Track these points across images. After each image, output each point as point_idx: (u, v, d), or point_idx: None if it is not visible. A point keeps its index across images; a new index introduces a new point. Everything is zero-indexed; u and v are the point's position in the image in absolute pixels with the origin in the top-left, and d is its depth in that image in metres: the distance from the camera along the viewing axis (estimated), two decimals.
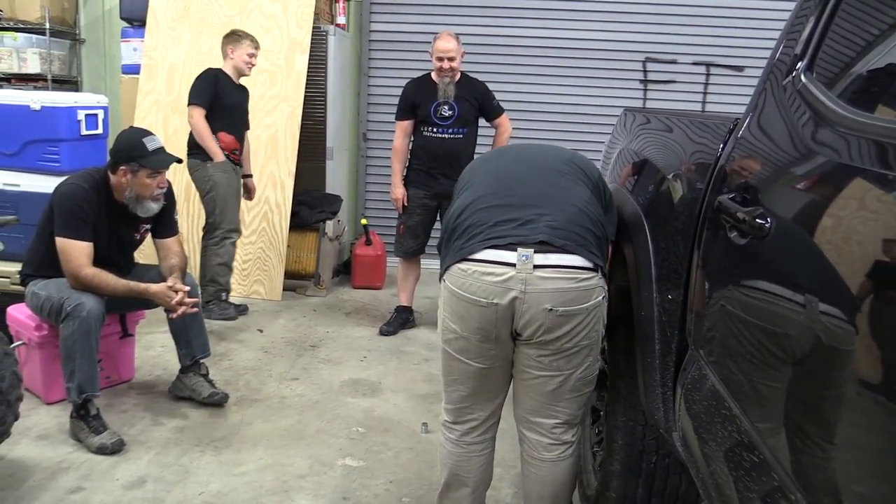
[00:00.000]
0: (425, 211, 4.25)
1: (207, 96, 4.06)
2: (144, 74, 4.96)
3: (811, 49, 1.31)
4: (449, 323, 1.92)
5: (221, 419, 3.09)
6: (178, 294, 2.89)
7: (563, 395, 1.94)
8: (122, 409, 3.12)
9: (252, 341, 4.03)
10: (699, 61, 5.73)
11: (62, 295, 2.79)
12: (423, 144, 4.19)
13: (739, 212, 1.29)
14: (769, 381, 1.18)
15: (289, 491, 2.57)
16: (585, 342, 1.87)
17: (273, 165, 4.84)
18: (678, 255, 1.67)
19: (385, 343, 4.17)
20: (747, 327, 1.24)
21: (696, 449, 1.49)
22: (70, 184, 2.86)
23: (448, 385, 2.03)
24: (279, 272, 4.84)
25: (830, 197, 1.08)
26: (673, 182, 1.81)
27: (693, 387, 1.52)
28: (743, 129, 1.47)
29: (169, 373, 3.43)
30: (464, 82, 4.13)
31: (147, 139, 2.88)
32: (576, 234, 1.82)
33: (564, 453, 2.02)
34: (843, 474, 0.96)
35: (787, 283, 1.12)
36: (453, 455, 2.08)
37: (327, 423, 3.10)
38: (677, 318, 1.66)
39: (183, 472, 2.64)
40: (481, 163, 2.20)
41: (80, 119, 3.61)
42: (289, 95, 4.84)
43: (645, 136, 2.34)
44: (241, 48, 4.18)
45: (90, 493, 2.48)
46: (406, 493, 2.59)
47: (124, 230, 3.02)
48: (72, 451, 2.75)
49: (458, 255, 1.86)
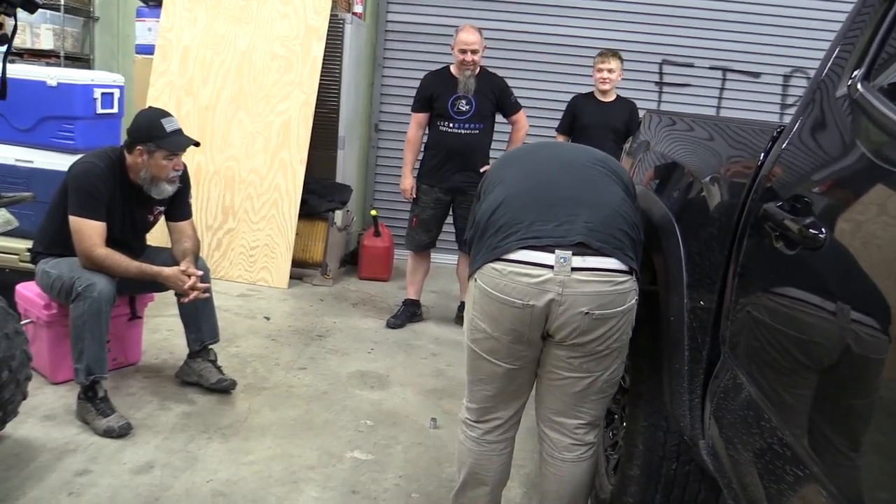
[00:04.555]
0: (438, 205, 4.22)
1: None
2: (158, 55, 4.91)
3: (869, 57, 1.28)
4: (479, 322, 1.89)
5: (229, 406, 3.06)
6: (191, 278, 2.86)
7: (589, 397, 1.92)
8: (128, 391, 3.09)
9: (259, 329, 4.01)
10: (716, 66, 5.71)
11: (73, 274, 2.76)
12: (439, 139, 4.16)
13: (789, 221, 1.26)
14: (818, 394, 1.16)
15: (297, 482, 2.55)
16: (617, 345, 1.85)
17: (285, 152, 4.80)
18: (713, 262, 1.64)
19: (392, 336, 4.14)
20: (796, 340, 1.21)
21: (725, 459, 1.47)
22: (86, 162, 2.83)
23: (473, 384, 2.00)
24: (286, 260, 4.81)
25: (892, 208, 1.06)
26: (709, 187, 1.78)
27: (726, 395, 1.49)
28: (790, 137, 1.44)
29: (175, 357, 3.41)
30: (483, 77, 4.10)
31: (166, 120, 2.84)
32: (613, 236, 1.79)
33: (585, 454, 2.00)
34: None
35: (844, 297, 1.09)
36: (473, 453, 2.05)
37: (335, 415, 3.08)
38: (710, 324, 1.63)
39: (191, 459, 2.61)
40: (513, 160, 2.15)
41: (96, 97, 3.57)
42: (303, 82, 4.80)
43: (674, 138, 2.31)
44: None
45: (97, 476, 2.45)
46: (416, 489, 2.57)
47: (138, 211, 2.99)
48: (78, 432, 2.72)
49: (492, 255, 1.82)
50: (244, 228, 4.84)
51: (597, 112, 4.34)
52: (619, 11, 5.61)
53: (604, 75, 4.29)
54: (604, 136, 4.18)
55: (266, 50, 4.84)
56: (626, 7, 5.61)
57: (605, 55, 4.34)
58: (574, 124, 4.38)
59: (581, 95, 4.49)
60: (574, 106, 4.44)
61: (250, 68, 4.84)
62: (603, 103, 4.36)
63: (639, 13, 5.61)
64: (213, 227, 4.86)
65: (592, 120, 4.30)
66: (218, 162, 4.85)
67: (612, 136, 4.25)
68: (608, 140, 4.17)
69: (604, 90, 4.33)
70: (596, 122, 4.29)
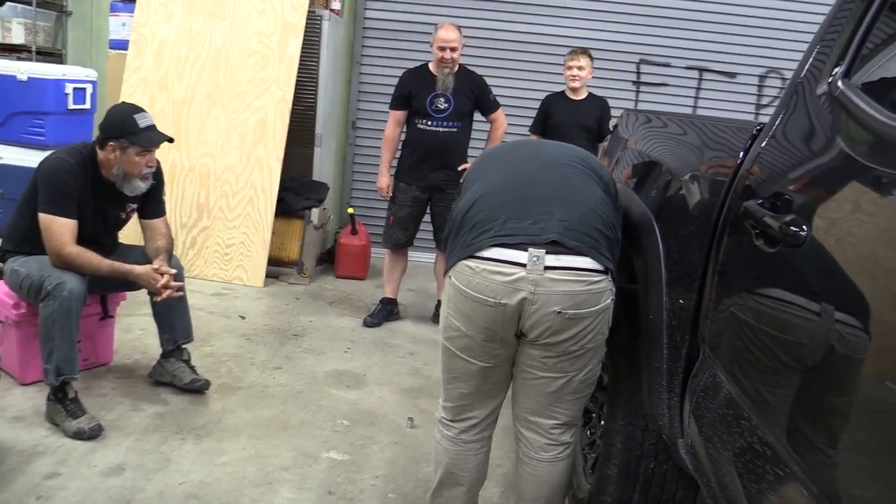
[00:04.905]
0: (416, 204, 4.19)
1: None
2: (133, 50, 4.83)
3: (849, 55, 1.28)
4: (452, 320, 1.87)
5: (203, 406, 3.01)
6: (164, 277, 2.81)
7: (564, 397, 1.91)
8: (100, 392, 3.03)
9: (234, 328, 3.95)
10: (692, 66, 5.75)
11: (43, 273, 2.69)
12: (416, 137, 4.13)
13: (770, 218, 1.25)
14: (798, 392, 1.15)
15: (272, 483, 2.51)
16: (591, 345, 1.83)
17: (261, 149, 4.74)
18: (692, 260, 1.63)
19: (369, 335, 4.11)
20: (777, 338, 1.21)
21: (704, 458, 1.46)
22: (56, 158, 2.76)
23: (448, 382, 1.98)
24: (262, 258, 4.75)
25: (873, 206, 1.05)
26: (689, 185, 1.77)
27: (705, 394, 1.48)
28: (770, 135, 1.44)
29: (148, 357, 3.35)
30: (462, 75, 4.08)
31: (139, 115, 2.79)
32: (588, 235, 1.78)
33: (561, 454, 1.98)
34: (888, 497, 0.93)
35: (825, 295, 1.09)
36: (449, 453, 2.03)
37: (311, 415, 3.04)
38: (689, 323, 1.63)
39: (163, 461, 2.56)
40: (493, 157, 2.13)
41: (68, 92, 3.50)
42: (280, 79, 4.75)
43: (653, 136, 2.31)
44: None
45: (67, 479, 2.39)
46: (392, 489, 2.54)
47: (110, 208, 2.93)
48: (48, 434, 2.66)
49: (465, 252, 1.81)
50: (219, 226, 4.77)
51: (568, 110, 4.33)
52: (597, 11, 5.63)
53: (573, 73, 4.28)
54: (576, 134, 4.18)
55: (243, 46, 4.78)
56: (605, 7, 5.63)
57: (574, 53, 4.35)
58: (546, 123, 4.37)
59: (553, 94, 4.49)
60: (546, 105, 4.44)
61: (226, 64, 4.78)
62: (574, 101, 4.36)
63: (617, 13, 5.63)
64: (187, 224, 4.79)
65: (564, 118, 4.30)
66: (193, 159, 4.78)
67: (584, 135, 4.25)
68: (580, 138, 4.18)
69: (574, 87, 4.33)
70: (568, 120, 4.29)
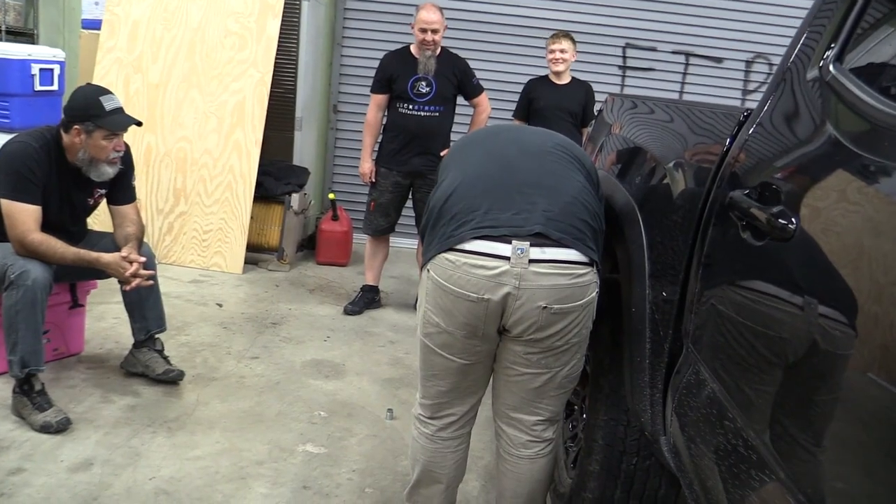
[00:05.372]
0: (397, 189, 4.11)
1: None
2: (106, 30, 4.69)
3: (841, 38, 1.21)
4: (431, 316, 1.79)
5: (176, 398, 2.93)
6: (133, 265, 2.72)
7: (547, 393, 1.84)
8: (69, 383, 2.94)
9: (210, 316, 3.87)
10: (679, 50, 5.68)
11: (6, 261, 2.59)
12: (398, 121, 4.04)
13: (756, 210, 1.19)
14: (784, 393, 1.09)
15: (246, 478, 2.44)
16: (576, 340, 1.76)
17: (239, 133, 4.63)
18: (676, 251, 1.57)
19: (349, 323, 4.03)
20: (763, 336, 1.15)
21: (686, 458, 1.41)
22: (18, 142, 2.66)
23: (426, 379, 1.91)
24: (241, 244, 4.66)
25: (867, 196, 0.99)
26: (673, 173, 1.71)
27: (688, 392, 1.43)
28: (758, 122, 1.37)
29: (121, 346, 3.26)
30: (444, 58, 3.99)
31: (105, 98, 2.68)
32: (573, 226, 1.70)
33: (543, 450, 1.93)
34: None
35: (815, 291, 1.03)
36: (427, 450, 1.97)
37: (288, 406, 2.97)
38: (672, 317, 1.57)
39: (133, 455, 2.49)
40: (471, 143, 2.04)
41: (34, 73, 3.39)
42: (258, 61, 4.63)
43: (637, 123, 2.24)
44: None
45: (31, 475, 2.31)
46: (370, 483, 2.48)
47: (77, 194, 2.83)
48: (13, 428, 2.57)
49: (445, 244, 1.72)
50: (197, 212, 4.67)
51: (552, 95, 4.26)
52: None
53: (556, 56, 4.20)
54: (560, 119, 4.11)
55: (219, 26, 4.65)
56: None
57: (556, 36, 4.26)
58: (530, 108, 4.30)
59: (536, 79, 4.41)
60: (529, 90, 4.36)
61: (203, 45, 4.66)
62: (558, 86, 4.28)
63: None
64: (164, 210, 4.68)
65: (548, 103, 4.22)
66: (169, 143, 4.67)
67: (569, 119, 4.19)
68: (564, 122, 4.11)
69: (557, 71, 4.24)
70: (551, 104, 4.21)
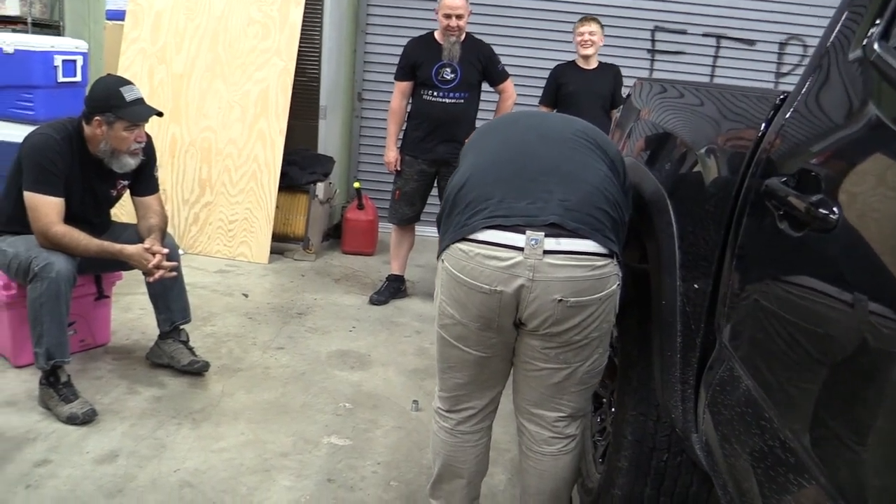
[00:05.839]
0: (422, 178, 4.06)
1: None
2: (130, 21, 4.70)
3: (887, 14, 1.13)
4: (446, 307, 1.75)
5: (201, 390, 2.93)
6: (156, 256, 2.71)
7: (568, 388, 1.78)
8: (95, 375, 2.95)
9: (236, 307, 3.86)
10: (709, 33, 5.54)
11: (30, 254, 2.60)
12: (422, 108, 3.99)
13: (795, 198, 1.12)
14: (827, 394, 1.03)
15: (270, 470, 2.42)
16: (596, 334, 1.70)
17: (263, 122, 4.62)
18: (708, 241, 1.50)
19: (375, 313, 4.01)
20: (803, 332, 1.08)
21: (720, 459, 1.35)
22: (40, 134, 2.65)
23: (444, 372, 1.87)
24: (266, 234, 4.65)
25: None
26: (704, 159, 1.64)
27: (721, 389, 1.36)
28: (795, 105, 1.30)
29: (147, 337, 3.27)
30: (469, 44, 3.92)
31: (125, 88, 2.67)
32: (591, 216, 1.63)
33: (567, 447, 1.87)
34: None
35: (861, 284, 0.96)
36: (447, 445, 1.93)
37: (313, 397, 2.95)
38: (704, 310, 1.50)
39: (158, 447, 2.48)
40: (490, 129, 1.98)
41: (57, 65, 3.38)
42: (282, 49, 4.60)
43: (667, 107, 2.16)
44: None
45: (57, 467, 2.32)
46: (395, 477, 2.45)
47: (99, 186, 2.82)
48: (40, 419, 2.59)
49: (458, 234, 1.67)
50: (222, 202, 4.67)
51: (581, 80, 4.18)
52: None
53: (585, 38, 4.13)
54: (590, 104, 4.04)
55: (242, 15, 4.63)
56: None
57: (584, 20, 4.20)
58: (558, 94, 4.22)
59: (563, 64, 4.33)
60: (557, 75, 4.28)
61: (226, 34, 4.64)
62: (586, 71, 4.21)
63: None
64: (189, 200, 4.69)
65: (577, 88, 4.15)
66: (193, 133, 4.67)
67: (599, 103, 4.12)
68: (595, 108, 4.04)
69: (586, 54, 4.17)
70: (581, 90, 4.14)
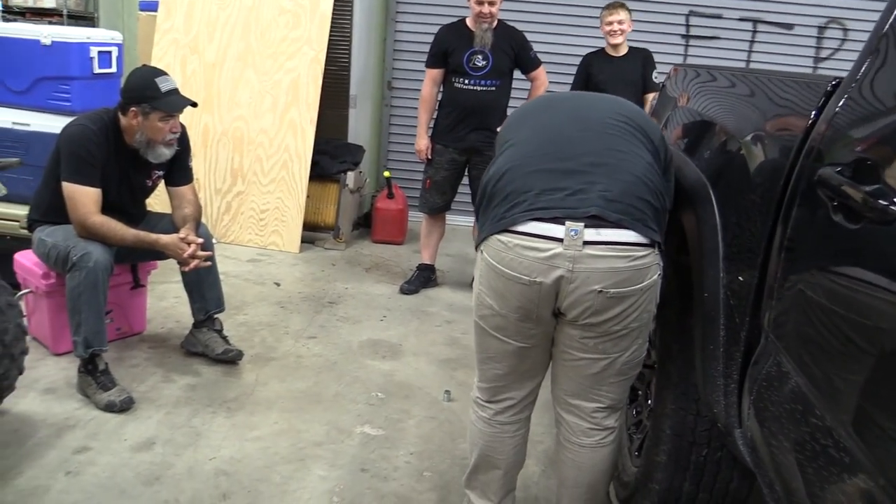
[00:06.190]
0: (453, 166, 4.04)
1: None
2: (162, 11, 4.72)
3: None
4: (485, 298, 1.74)
5: (235, 378, 2.95)
6: (191, 246, 2.72)
7: (607, 379, 1.76)
8: (132, 363, 2.99)
9: (268, 295, 3.88)
10: (746, 17, 5.43)
11: (69, 243, 2.63)
12: (454, 96, 3.96)
13: (852, 189, 1.08)
14: (887, 390, 0.99)
15: (304, 459, 2.43)
16: (636, 324, 1.68)
17: (294, 112, 4.62)
18: (754, 233, 1.47)
19: (406, 302, 4.00)
20: (860, 327, 1.05)
21: (766, 456, 1.32)
22: (77, 125, 2.68)
23: (482, 362, 1.86)
24: (297, 223, 4.66)
25: None
26: (750, 147, 1.59)
27: (768, 384, 1.33)
28: (851, 91, 1.25)
29: (182, 326, 3.30)
30: (501, 31, 3.88)
31: (160, 79, 2.68)
32: (633, 206, 1.61)
33: (605, 439, 1.85)
34: None
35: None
36: (485, 435, 1.92)
37: (345, 387, 2.96)
38: (749, 303, 1.46)
39: (194, 435, 2.51)
40: (526, 115, 1.93)
41: (93, 56, 3.40)
42: (312, 38, 4.60)
43: (707, 94, 2.11)
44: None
45: (97, 454, 2.35)
46: (428, 467, 2.45)
47: (135, 176, 2.84)
48: (79, 407, 2.62)
49: (497, 226, 1.66)
50: (254, 191, 4.69)
51: (611, 68, 4.15)
52: None
53: (613, 27, 4.10)
54: (622, 91, 3.97)
55: (273, 4, 4.63)
56: None
57: (611, 7, 4.16)
58: (588, 83, 4.18)
59: (592, 53, 4.29)
60: (586, 65, 4.24)
61: (257, 24, 4.65)
62: (616, 58, 4.17)
63: None
64: (221, 190, 4.71)
65: (608, 77, 4.12)
66: (226, 122, 4.69)
67: (630, 90, 4.06)
68: (627, 94, 3.98)
69: (615, 43, 4.13)
70: (611, 78, 4.10)
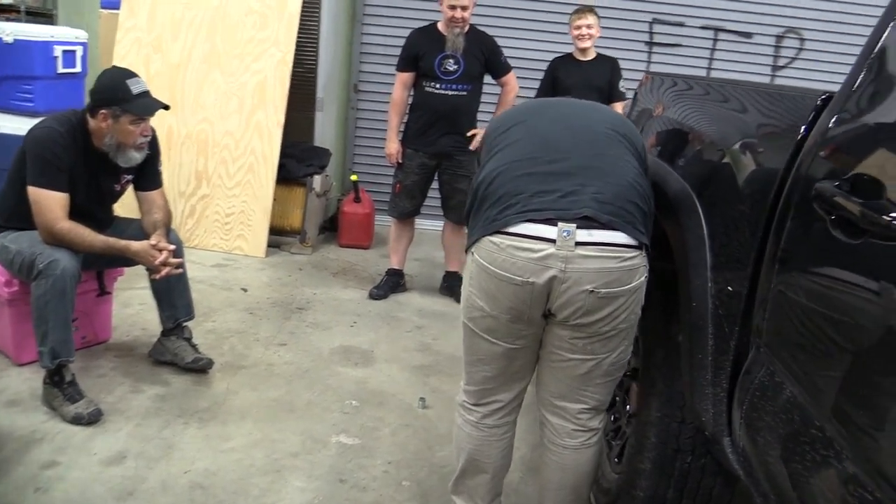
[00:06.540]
0: (423, 171, 4.02)
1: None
2: (125, 9, 4.61)
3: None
4: (476, 300, 1.74)
5: (205, 387, 2.88)
6: (163, 253, 2.66)
7: (593, 380, 1.79)
8: (98, 373, 2.90)
9: (236, 301, 3.82)
10: (707, 25, 5.54)
11: (34, 250, 2.54)
12: (424, 100, 3.95)
13: (851, 203, 1.10)
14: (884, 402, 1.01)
15: (281, 470, 2.39)
16: (623, 325, 1.70)
17: (261, 114, 4.55)
18: (743, 244, 1.49)
19: (375, 308, 3.97)
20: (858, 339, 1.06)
21: (758, 466, 1.33)
22: (44, 127, 2.59)
23: (471, 365, 1.86)
24: (263, 228, 4.59)
25: None
26: (738, 158, 1.62)
27: (761, 395, 1.35)
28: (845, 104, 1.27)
29: (148, 333, 3.22)
30: (472, 35, 3.88)
31: (131, 81, 2.60)
32: (623, 209, 1.64)
33: (589, 441, 1.87)
34: None
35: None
36: (473, 439, 1.92)
37: (318, 395, 2.92)
38: (738, 313, 1.48)
39: (166, 447, 2.45)
40: (517, 118, 1.92)
41: (57, 55, 3.30)
42: (280, 39, 4.54)
43: (686, 104, 2.14)
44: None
45: (66, 469, 2.27)
46: (406, 476, 2.43)
47: (104, 180, 2.76)
48: (45, 419, 2.54)
49: (489, 227, 1.67)
50: (219, 195, 4.61)
51: (577, 73, 4.16)
52: None
53: (582, 32, 4.11)
54: (588, 95, 4.02)
55: (240, 4, 4.56)
56: None
57: (580, 11, 4.17)
58: (555, 87, 4.20)
59: (559, 58, 4.31)
60: (553, 69, 4.26)
61: (223, 24, 4.57)
62: (583, 63, 4.19)
63: None
64: (185, 193, 4.62)
65: (574, 81, 4.12)
66: (190, 124, 4.60)
67: (595, 97, 4.09)
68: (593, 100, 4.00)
69: (584, 48, 4.15)
70: (579, 82, 4.11)
